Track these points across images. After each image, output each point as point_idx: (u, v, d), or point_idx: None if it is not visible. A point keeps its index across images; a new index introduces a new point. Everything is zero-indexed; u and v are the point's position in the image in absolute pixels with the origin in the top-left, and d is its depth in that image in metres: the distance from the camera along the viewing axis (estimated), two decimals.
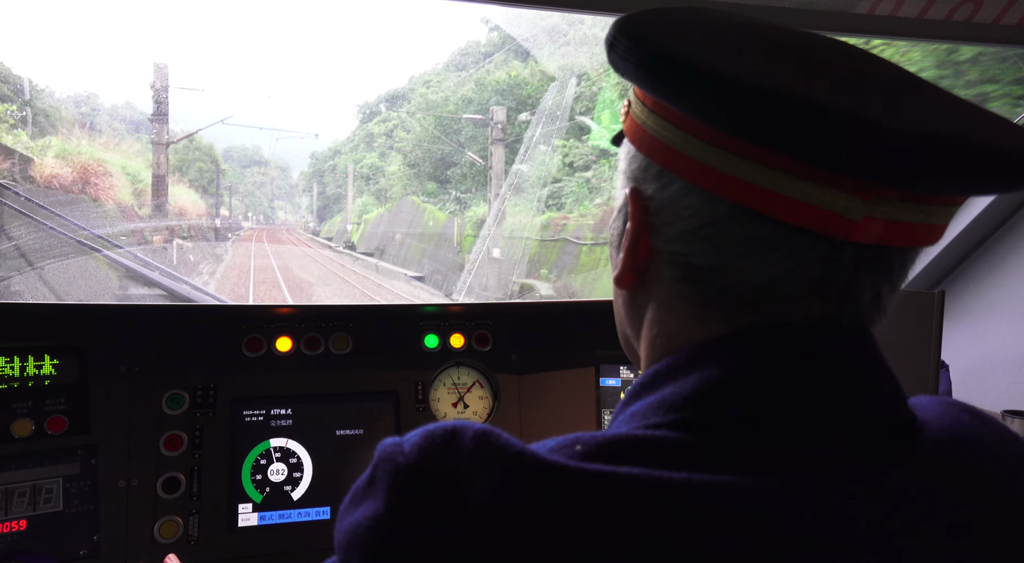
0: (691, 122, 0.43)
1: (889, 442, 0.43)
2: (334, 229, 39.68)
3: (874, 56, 0.47)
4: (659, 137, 0.46)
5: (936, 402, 0.51)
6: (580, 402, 1.47)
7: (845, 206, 0.40)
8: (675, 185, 0.45)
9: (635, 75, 0.44)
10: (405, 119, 35.80)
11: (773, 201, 0.41)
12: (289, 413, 1.31)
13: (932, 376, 1.49)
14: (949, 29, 1.24)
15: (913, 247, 0.44)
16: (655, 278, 0.49)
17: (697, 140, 0.43)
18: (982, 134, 0.39)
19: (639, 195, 0.48)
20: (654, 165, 0.47)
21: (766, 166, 0.40)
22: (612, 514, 0.36)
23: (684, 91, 0.41)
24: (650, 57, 0.42)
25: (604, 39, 0.46)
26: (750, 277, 0.43)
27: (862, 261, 0.43)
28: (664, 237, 0.47)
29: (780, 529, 0.37)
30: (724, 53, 0.42)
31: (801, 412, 0.42)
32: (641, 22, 0.45)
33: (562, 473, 0.37)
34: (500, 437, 0.40)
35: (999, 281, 1.96)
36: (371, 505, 0.40)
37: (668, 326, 0.49)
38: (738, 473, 0.38)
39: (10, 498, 1.12)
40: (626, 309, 0.54)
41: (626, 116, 0.51)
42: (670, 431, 0.42)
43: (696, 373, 0.44)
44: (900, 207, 0.40)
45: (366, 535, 0.39)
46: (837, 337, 0.44)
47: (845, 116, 0.37)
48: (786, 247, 0.42)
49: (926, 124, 0.38)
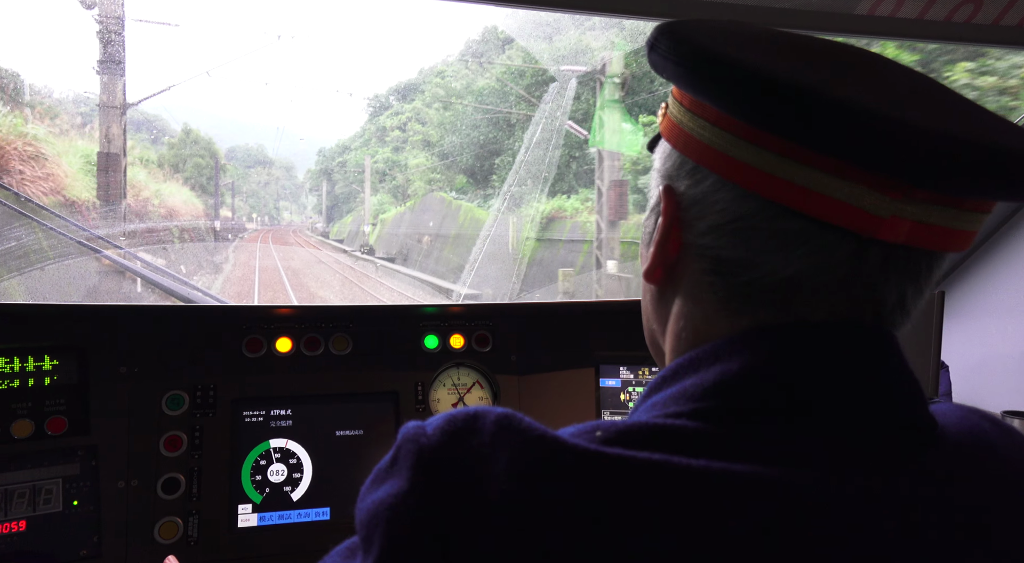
0: (726, 119, 0.44)
1: (907, 442, 0.44)
2: (345, 230, 37.67)
3: (898, 63, 0.49)
4: (694, 134, 0.47)
5: (956, 409, 0.51)
6: (580, 403, 1.47)
7: (873, 203, 0.40)
8: (708, 181, 0.46)
9: (675, 73, 0.46)
10: (421, 110, 33.65)
11: (802, 196, 0.42)
12: (289, 414, 1.31)
13: (932, 376, 1.49)
14: (949, 30, 1.24)
15: (940, 251, 0.44)
16: (683, 272, 0.50)
17: (731, 136, 0.44)
18: (1008, 139, 0.40)
19: (672, 192, 0.50)
20: (688, 162, 0.48)
21: (797, 162, 0.41)
22: (631, 498, 0.37)
23: (722, 88, 0.43)
24: (690, 55, 0.44)
25: (645, 42, 0.48)
26: (776, 271, 0.44)
27: (888, 261, 0.43)
28: (695, 231, 0.48)
29: (796, 519, 0.38)
30: (760, 54, 0.43)
31: (820, 407, 0.42)
32: (682, 26, 0.47)
33: (583, 456, 0.38)
34: (523, 421, 0.41)
35: (999, 281, 1.96)
36: (394, 483, 0.40)
37: (694, 319, 0.50)
38: (756, 463, 0.39)
39: (10, 499, 1.12)
40: (654, 304, 0.55)
41: (663, 117, 0.53)
42: (690, 420, 0.42)
43: (718, 365, 0.45)
44: (928, 209, 0.41)
45: (389, 512, 0.39)
46: (859, 336, 0.44)
47: (877, 114, 0.38)
48: (813, 243, 0.43)
49: (954, 126, 0.39)
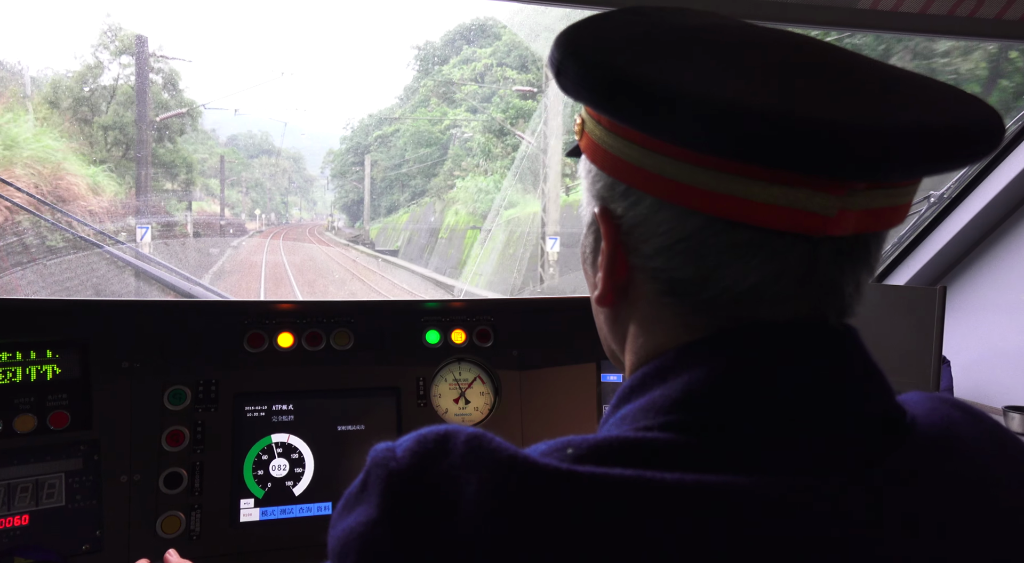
0: (653, 140, 0.42)
1: (877, 438, 0.43)
2: (392, 236, 27.16)
3: (830, 45, 0.47)
4: (622, 156, 0.45)
5: (926, 398, 0.51)
6: (581, 398, 1.47)
7: (820, 204, 0.40)
8: (645, 202, 0.45)
9: (590, 101, 0.43)
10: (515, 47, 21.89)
11: (748, 209, 0.41)
12: (291, 408, 1.31)
13: (934, 372, 1.49)
14: (951, 24, 1.24)
15: (885, 230, 0.45)
16: (637, 294, 0.48)
17: (662, 156, 0.42)
18: (942, 116, 0.40)
19: (609, 214, 0.47)
20: (620, 184, 0.46)
21: (736, 175, 0.40)
22: (605, 515, 0.37)
23: (646, 114, 0.40)
24: (606, 84, 0.41)
25: (548, 62, 0.45)
26: (735, 285, 0.43)
27: (841, 253, 0.43)
28: (642, 254, 0.46)
29: (772, 528, 0.37)
30: (681, 68, 0.41)
31: (789, 411, 0.42)
32: (585, 42, 0.44)
33: (554, 475, 0.38)
34: (492, 441, 0.40)
35: (1000, 277, 1.96)
36: (364, 510, 0.40)
37: (656, 338, 0.48)
38: (729, 473, 0.38)
39: (12, 493, 1.12)
40: (609, 326, 0.54)
41: (581, 134, 0.50)
42: (661, 433, 0.42)
43: (685, 375, 0.44)
44: (870, 196, 0.41)
45: (360, 540, 0.39)
46: (822, 335, 0.44)
47: (810, 121, 0.37)
48: (766, 251, 0.42)
49: (888, 117, 0.39)
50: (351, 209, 40.12)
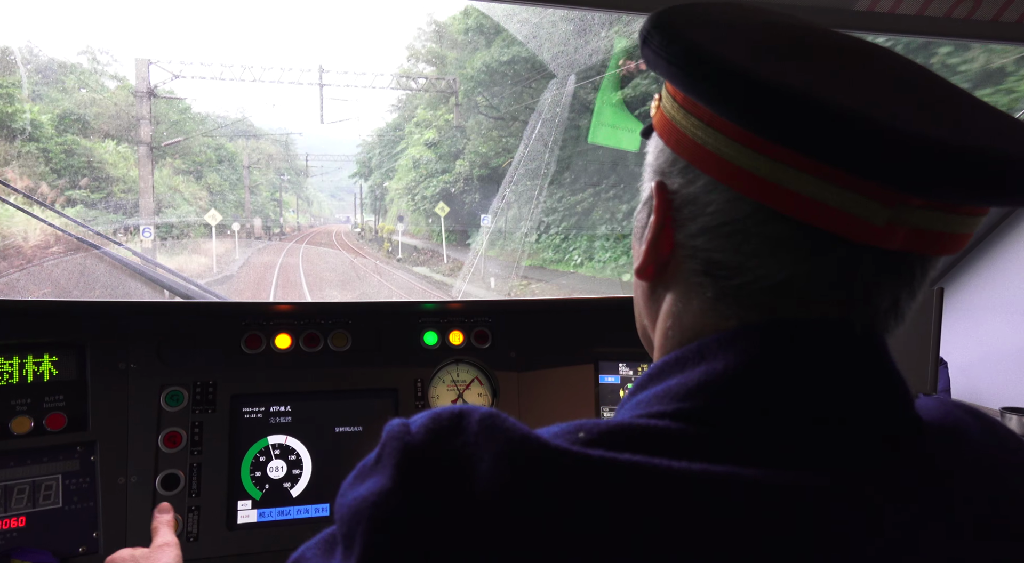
0: (720, 120, 0.43)
1: (890, 442, 0.43)
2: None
3: (907, 60, 0.47)
4: (687, 133, 0.46)
5: (939, 403, 0.51)
6: (579, 399, 1.47)
7: (868, 211, 0.40)
8: (700, 181, 0.46)
9: (667, 72, 0.45)
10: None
11: (795, 201, 0.41)
12: (288, 410, 1.31)
13: (931, 373, 1.49)
14: (949, 26, 1.24)
15: (936, 256, 0.44)
16: (675, 271, 0.49)
17: (725, 138, 0.43)
18: (1008, 145, 0.39)
19: (664, 189, 0.49)
20: (680, 160, 0.47)
21: (791, 167, 0.41)
22: (612, 499, 0.37)
23: (715, 90, 0.42)
24: (682, 54, 0.43)
25: (639, 33, 0.47)
26: (768, 275, 0.44)
27: (882, 267, 0.43)
28: (687, 231, 0.47)
29: (777, 520, 0.38)
30: (758, 53, 0.42)
31: (804, 408, 0.42)
32: (676, 17, 0.45)
33: (565, 457, 0.38)
34: (506, 421, 0.40)
35: (998, 278, 1.97)
36: (378, 480, 0.40)
37: (682, 318, 0.49)
38: (737, 464, 0.39)
39: (9, 495, 1.12)
40: (645, 300, 0.55)
41: (656, 109, 0.52)
42: (672, 421, 0.42)
43: (703, 365, 0.44)
44: (924, 216, 0.41)
45: (372, 509, 0.39)
46: (846, 336, 0.44)
47: (872, 123, 0.37)
48: (805, 248, 0.42)
49: (946, 131, 0.38)
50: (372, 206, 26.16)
